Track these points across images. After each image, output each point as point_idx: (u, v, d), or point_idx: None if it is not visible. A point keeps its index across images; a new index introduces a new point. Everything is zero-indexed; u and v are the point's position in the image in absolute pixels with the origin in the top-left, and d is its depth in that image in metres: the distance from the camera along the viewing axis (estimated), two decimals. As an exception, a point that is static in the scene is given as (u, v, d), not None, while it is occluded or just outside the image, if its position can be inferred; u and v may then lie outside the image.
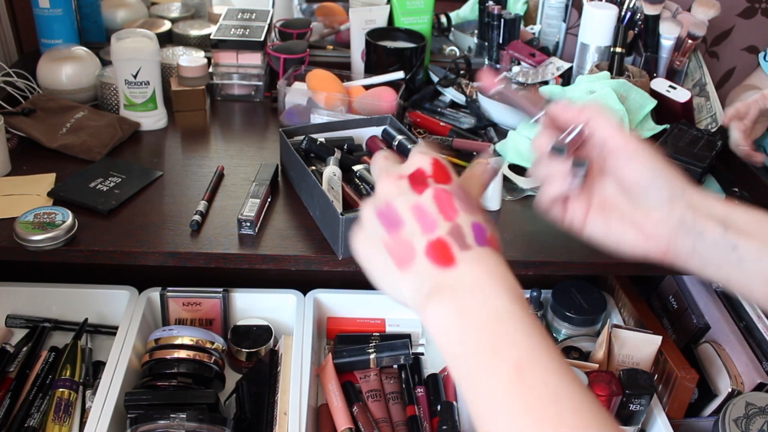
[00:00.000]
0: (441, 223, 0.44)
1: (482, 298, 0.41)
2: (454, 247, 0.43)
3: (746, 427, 0.90)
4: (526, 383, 0.37)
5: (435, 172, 0.46)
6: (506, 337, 0.39)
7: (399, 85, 1.11)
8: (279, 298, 1.11)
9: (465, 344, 0.40)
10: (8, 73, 1.09)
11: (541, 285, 1.12)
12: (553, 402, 0.36)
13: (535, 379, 0.37)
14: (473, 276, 0.42)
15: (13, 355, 1.03)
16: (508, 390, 0.37)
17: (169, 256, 0.81)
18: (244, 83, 1.18)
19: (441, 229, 0.43)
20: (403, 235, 0.44)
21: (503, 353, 0.38)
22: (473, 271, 0.42)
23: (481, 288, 0.41)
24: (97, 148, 0.98)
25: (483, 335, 0.39)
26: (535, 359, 0.38)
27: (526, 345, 0.39)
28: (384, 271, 0.46)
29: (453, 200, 0.45)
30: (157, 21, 1.31)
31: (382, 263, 0.46)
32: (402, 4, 1.20)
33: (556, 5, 1.24)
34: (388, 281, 0.46)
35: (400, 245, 0.44)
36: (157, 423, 0.87)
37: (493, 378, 0.38)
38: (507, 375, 0.37)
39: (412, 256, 0.44)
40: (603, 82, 1.00)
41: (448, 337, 0.41)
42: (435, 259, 0.43)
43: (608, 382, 0.91)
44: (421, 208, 0.44)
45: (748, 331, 1.01)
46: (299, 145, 0.93)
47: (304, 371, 0.97)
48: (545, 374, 0.37)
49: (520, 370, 0.37)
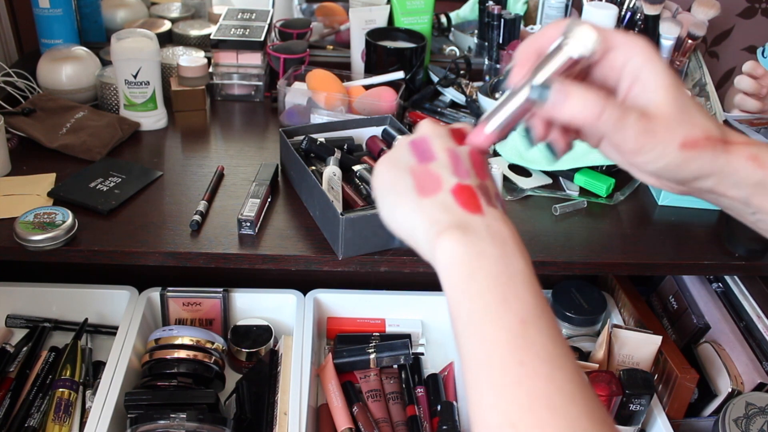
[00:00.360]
0: (473, 175, 0.44)
1: (502, 251, 0.41)
2: (482, 199, 0.43)
3: (746, 427, 0.90)
4: (528, 339, 0.38)
5: (477, 133, 0.48)
6: (516, 292, 0.39)
7: (399, 85, 1.11)
8: (279, 298, 1.11)
9: (476, 284, 0.40)
10: (8, 73, 1.09)
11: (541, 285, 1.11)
12: (548, 362, 0.37)
13: (535, 338, 0.38)
14: (498, 229, 0.42)
15: (13, 355, 1.03)
16: (509, 339, 0.38)
17: (169, 256, 0.81)
18: (244, 83, 1.18)
19: (471, 180, 0.44)
20: (433, 167, 0.45)
21: (512, 305, 0.39)
22: (498, 225, 0.42)
23: (503, 242, 0.41)
24: (97, 148, 0.98)
25: (495, 283, 0.40)
26: (539, 320, 0.39)
27: (532, 305, 0.39)
28: (402, 194, 0.45)
29: (485, 165, 0.46)
30: (157, 21, 1.31)
31: (403, 186, 0.45)
32: (402, 4, 1.20)
33: (556, 5, 1.24)
34: (403, 205, 0.44)
35: (427, 174, 0.44)
36: (157, 423, 0.87)
37: (498, 325, 0.38)
38: (511, 325, 0.38)
39: (438, 187, 0.44)
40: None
41: (459, 272, 0.41)
42: (462, 201, 0.43)
43: (608, 382, 0.91)
44: (455, 155, 0.45)
45: (748, 331, 1.02)
46: (299, 145, 0.93)
47: (304, 371, 0.97)
48: (545, 337, 0.38)
49: (525, 325, 0.38)
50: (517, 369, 0.37)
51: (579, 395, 0.36)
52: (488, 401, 0.37)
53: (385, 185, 0.46)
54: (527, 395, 0.36)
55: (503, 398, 0.36)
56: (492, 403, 0.37)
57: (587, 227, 0.91)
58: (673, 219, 0.95)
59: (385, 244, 0.82)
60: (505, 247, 0.41)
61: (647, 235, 0.91)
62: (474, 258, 0.40)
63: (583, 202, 0.95)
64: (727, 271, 0.97)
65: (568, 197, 0.96)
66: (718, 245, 0.89)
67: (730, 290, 1.07)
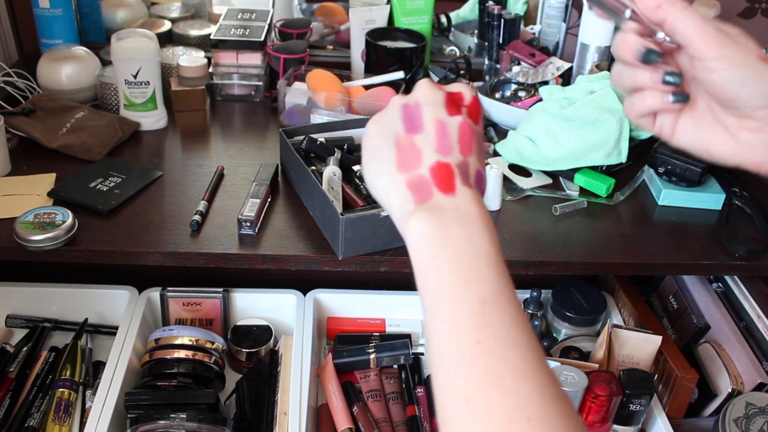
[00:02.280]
0: (455, 152, 0.45)
1: (468, 232, 0.42)
2: (457, 179, 0.44)
3: (746, 427, 0.90)
4: (485, 317, 0.39)
5: (471, 105, 0.48)
6: (479, 272, 0.40)
7: (399, 85, 1.11)
8: (279, 298, 1.11)
9: (440, 263, 0.41)
10: (8, 73, 1.09)
11: (541, 285, 1.12)
12: (503, 341, 0.38)
13: (493, 317, 0.39)
14: (467, 210, 0.43)
15: (13, 355, 1.03)
16: (467, 318, 0.39)
17: (169, 256, 0.81)
18: (244, 83, 1.18)
19: (453, 158, 0.45)
20: (417, 140, 0.46)
21: (474, 284, 0.40)
22: (468, 206, 0.43)
23: (470, 222, 0.42)
24: (97, 148, 0.98)
25: (459, 262, 0.41)
26: (499, 299, 0.40)
27: (494, 284, 0.40)
28: (383, 165, 0.46)
29: (473, 140, 0.46)
30: (157, 21, 1.31)
31: (385, 157, 0.46)
32: (402, 4, 1.20)
33: (556, 5, 1.24)
34: (383, 176, 0.46)
35: (410, 149, 0.46)
36: (157, 423, 0.87)
37: (458, 303, 0.40)
38: (471, 304, 0.39)
39: (417, 165, 0.45)
40: (603, 82, 1.00)
41: (425, 251, 0.42)
42: (437, 181, 0.44)
43: (608, 382, 0.91)
44: (444, 127, 0.45)
45: (748, 331, 1.01)
46: (299, 145, 0.93)
47: (304, 371, 0.97)
48: (503, 315, 0.39)
49: (484, 304, 0.39)
50: (474, 347, 0.38)
51: (531, 372, 0.37)
52: (446, 377, 0.38)
53: (371, 151, 0.48)
54: (481, 373, 0.37)
55: (459, 375, 0.38)
56: (449, 379, 0.38)
57: (587, 227, 0.91)
58: (673, 219, 0.95)
59: (385, 244, 0.82)
60: (471, 227, 0.42)
61: (647, 235, 0.91)
62: (439, 239, 0.42)
63: (583, 202, 0.95)
64: (727, 271, 0.97)
65: (568, 197, 0.96)
66: (718, 245, 0.89)
67: (730, 290, 1.07)
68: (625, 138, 0.95)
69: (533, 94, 1.09)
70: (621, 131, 0.95)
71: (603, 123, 0.94)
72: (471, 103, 0.48)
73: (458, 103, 0.47)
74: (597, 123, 0.94)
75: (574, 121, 0.96)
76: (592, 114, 0.95)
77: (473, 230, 0.42)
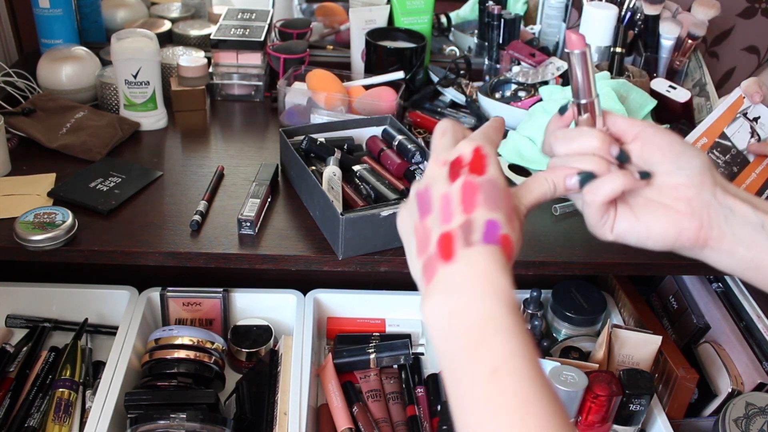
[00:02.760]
0: (457, 215, 0.45)
1: (467, 300, 0.42)
2: (458, 242, 0.44)
3: (746, 427, 0.90)
4: (499, 386, 0.38)
5: (472, 161, 0.47)
6: (486, 342, 0.40)
7: (399, 85, 1.11)
8: (279, 298, 1.11)
9: (450, 342, 0.41)
10: (8, 73, 1.09)
11: (541, 285, 1.12)
12: (520, 408, 0.38)
13: (508, 383, 0.38)
14: (464, 276, 0.43)
15: (13, 355, 1.03)
16: (483, 392, 0.39)
17: (169, 256, 0.81)
18: (244, 83, 1.18)
19: (455, 222, 0.45)
20: (428, 222, 0.46)
21: (482, 356, 0.40)
22: (465, 271, 0.43)
23: (467, 290, 0.42)
24: (97, 148, 0.98)
25: (466, 337, 0.41)
26: (511, 365, 0.39)
27: (503, 350, 0.40)
28: (409, 253, 0.48)
29: (477, 193, 0.45)
30: (157, 21, 1.31)
31: (409, 244, 0.48)
32: (402, 4, 1.20)
33: (556, 5, 1.24)
34: (410, 263, 0.48)
35: (423, 231, 0.47)
36: (157, 423, 0.87)
37: (472, 379, 0.39)
38: (483, 378, 0.39)
39: (428, 244, 0.46)
40: (603, 82, 1.00)
41: (438, 332, 0.43)
42: (440, 252, 0.44)
43: (608, 382, 0.91)
44: (447, 198, 0.46)
45: (748, 331, 1.02)
46: (299, 145, 0.93)
47: (304, 371, 0.97)
48: (518, 380, 0.38)
49: (497, 372, 0.39)
50: (489, 424, 0.38)
51: (551, 428, 0.37)
52: None
53: (402, 239, 0.50)
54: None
55: None
56: None
57: (587, 227, 0.91)
58: (673, 219, 0.94)
59: (385, 244, 0.82)
60: (472, 293, 0.42)
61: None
62: (446, 316, 0.42)
63: (583, 202, 0.95)
64: (727, 271, 0.97)
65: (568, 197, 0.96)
66: (718, 245, 0.89)
67: (730, 290, 1.07)
68: (625, 138, 0.95)
69: (533, 94, 1.09)
70: (621, 131, 0.95)
71: (603, 123, 0.94)
72: (471, 159, 0.47)
73: (459, 167, 0.47)
74: (597, 123, 0.94)
75: (574, 121, 0.96)
76: (592, 114, 0.94)
77: (475, 296, 0.42)
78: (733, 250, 0.52)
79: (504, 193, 0.46)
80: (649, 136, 0.52)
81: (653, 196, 0.53)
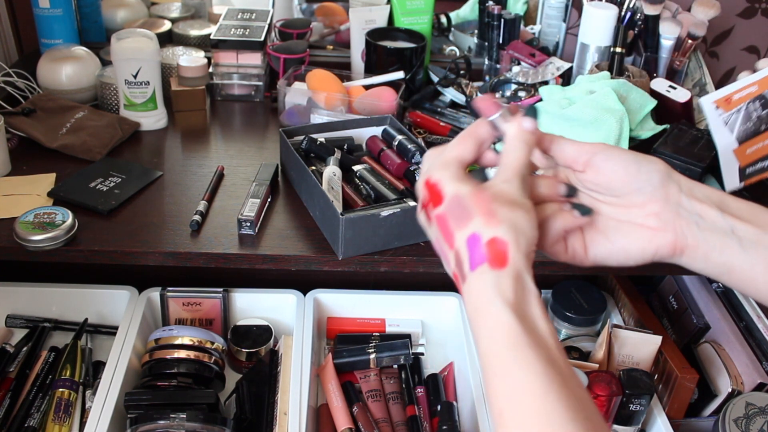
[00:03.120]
0: (449, 254, 0.46)
1: (476, 330, 0.43)
2: (460, 281, 0.45)
3: (746, 427, 0.90)
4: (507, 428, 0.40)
5: (430, 197, 0.47)
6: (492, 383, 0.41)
7: (399, 85, 1.11)
8: (279, 298, 1.11)
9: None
10: (8, 73, 1.09)
11: (541, 285, 1.10)
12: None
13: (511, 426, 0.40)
14: (469, 310, 0.44)
15: (13, 355, 1.03)
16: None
17: (169, 256, 0.81)
18: (244, 83, 1.18)
19: (451, 262, 0.46)
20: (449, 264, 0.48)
21: (491, 394, 0.41)
22: (468, 306, 0.44)
23: (473, 323, 0.44)
24: (97, 148, 0.98)
25: (483, 359, 0.43)
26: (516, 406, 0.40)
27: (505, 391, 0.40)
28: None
29: (447, 223, 0.45)
30: (157, 21, 1.31)
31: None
32: (402, 4, 1.20)
33: (556, 5, 1.24)
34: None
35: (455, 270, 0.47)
36: (157, 423, 0.87)
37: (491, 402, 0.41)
38: (493, 416, 0.41)
39: (463, 280, 0.46)
40: (603, 82, 1.00)
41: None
42: (459, 289, 0.46)
43: (608, 382, 0.91)
44: (438, 244, 0.48)
45: (748, 331, 1.02)
46: (299, 145, 0.93)
47: (304, 371, 0.97)
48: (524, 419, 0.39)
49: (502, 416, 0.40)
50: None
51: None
52: None
53: None
54: None
55: None
56: None
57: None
58: (673, 219, 0.94)
59: (385, 244, 0.82)
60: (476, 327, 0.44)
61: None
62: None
63: (583, 202, 0.95)
64: (727, 271, 0.97)
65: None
66: (718, 245, 0.89)
67: (730, 290, 1.07)
68: (625, 138, 0.95)
69: (533, 94, 1.09)
70: (621, 131, 0.95)
71: (603, 123, 0.94)
72: (428, 195, 0.48)
73: (427, 209, 0.48)
74: (597, 123, 0.94)
75: (574, 121, 0.96)
76: (592, 114, 0.94)
77: (478, 329, 0.43)
78: (707, 255, 0.51)
79: (472, 196, 0.45)
80: (599, 163, 0.51)
81: (622, 216, 0.53)
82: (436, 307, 1.13)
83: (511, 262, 0.43)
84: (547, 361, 0.40)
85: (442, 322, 1.14)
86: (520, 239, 0.44)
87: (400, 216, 0.80)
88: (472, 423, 0.96)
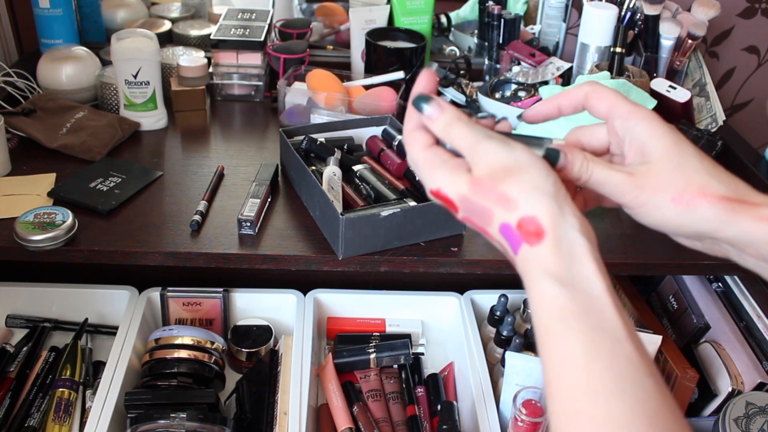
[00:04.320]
0: (496, 245, 0.44)
1: (533, 312, 0.41)
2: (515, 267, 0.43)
3: (746, 426, 0.90)
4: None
5: (447, 207, 0.45)
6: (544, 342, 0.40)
7: (399, 85, 1.11)
8: (279, 298, 1.11)
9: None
10: (8, 73, 1.09)
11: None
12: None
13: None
14: (528, 294, 0.42)
15: (13, 355, 1.03)
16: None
17: (169, 256, 0.81)
18: (244, 83, 1.18)
19: (502, 250, 0.44)
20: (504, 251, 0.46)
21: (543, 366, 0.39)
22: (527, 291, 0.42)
23: (530, 305, 0.42)
24: (97, 148, 0.98)
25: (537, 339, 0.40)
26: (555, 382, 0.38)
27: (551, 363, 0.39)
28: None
29: (475, 223, 0.43)
30: (157, 21, 1.31)
31: None
32: (402, 4, 1.20)
33: (556, 5, 1.24)
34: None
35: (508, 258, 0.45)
36: (157, 423, 0.87)
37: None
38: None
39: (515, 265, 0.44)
40: (603, 82, 1.00)
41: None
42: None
43: (608, 382, 0.91)
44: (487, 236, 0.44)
45: (748, 331, 1.02)
46: (299, 145, 0.93)
47: (304, 371, 0.97)
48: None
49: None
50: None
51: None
52: None
53: None
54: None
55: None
56: None
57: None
58: (673, 219, 0.94)
59: (385, 244, 0.82)
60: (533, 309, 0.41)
61: (647, 235, 0.90)
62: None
63: (583, 202, 0.95)
64: (727, 271, 0.97)
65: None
66: (718, 245, 0.89)
67: (730, 290, 1.07)
68: (625, 138, 0.95)
69: (533, 94, 1.09)
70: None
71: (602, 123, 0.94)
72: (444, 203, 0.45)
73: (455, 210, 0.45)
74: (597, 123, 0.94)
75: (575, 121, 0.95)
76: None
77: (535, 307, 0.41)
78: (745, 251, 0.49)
79: (475, 192, 0.42)
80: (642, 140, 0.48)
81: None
82: (436, 307, 1.13)
83: (548, 229, 0.40)
84: (596, 330, 0.38)
85: (442, 322, 1.14)
86: (541, 197, 0.41)
87: (400, 216, 0.80)
88: (472, 423, 0.96)
